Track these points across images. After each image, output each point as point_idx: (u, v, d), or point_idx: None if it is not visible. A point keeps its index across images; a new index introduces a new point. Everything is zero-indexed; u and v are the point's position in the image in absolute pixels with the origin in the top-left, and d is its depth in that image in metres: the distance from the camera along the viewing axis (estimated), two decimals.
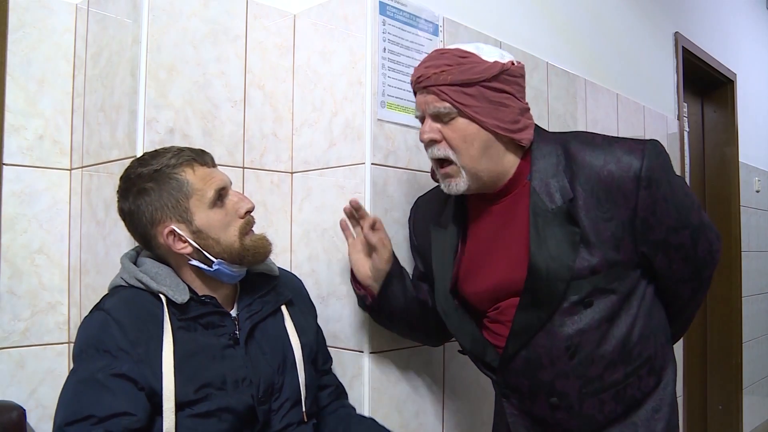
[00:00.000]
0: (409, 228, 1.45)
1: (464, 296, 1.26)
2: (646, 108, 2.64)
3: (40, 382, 1.43)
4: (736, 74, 3.62)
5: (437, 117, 1.14)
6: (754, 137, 3.90)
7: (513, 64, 1.15)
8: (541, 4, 2.10)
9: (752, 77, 3.96)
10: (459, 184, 1.16)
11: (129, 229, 1.16)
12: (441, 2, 1.68)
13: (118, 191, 1.15)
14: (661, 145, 1.15)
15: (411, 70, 1.54)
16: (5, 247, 1.41)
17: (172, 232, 1.10)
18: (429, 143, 1.16)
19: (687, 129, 3.27)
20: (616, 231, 1.11)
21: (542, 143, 1.17)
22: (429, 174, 1.42)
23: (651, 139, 1.14)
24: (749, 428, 3.69)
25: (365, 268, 1.31)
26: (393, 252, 1.31)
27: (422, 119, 1.18)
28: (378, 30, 1.47)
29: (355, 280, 1.35)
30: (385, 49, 1.48)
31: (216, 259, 1.12)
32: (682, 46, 3.02)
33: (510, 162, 1.17)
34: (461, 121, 1.13)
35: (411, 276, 1.44)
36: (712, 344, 3.59)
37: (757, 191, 3.92)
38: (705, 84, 3.55)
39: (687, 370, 2.94)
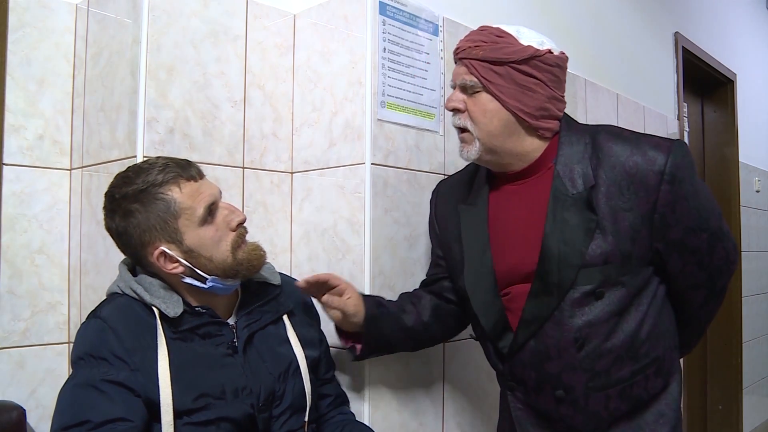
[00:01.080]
0: (431, 212, 1.43)
1: None
2: (646, 108, 2.64)
3: (40, 382, 1.43)
4: (736, 74, 3.62)
5: (464, 88, 1.19)
6: (754, 137, 3.90)
7: (551, 52, 1.17)
8: (541, 4, 2.10)
9: (752, 77, 3.96)
10: (470, 151, 1.20)
11: (119, 247, 1.13)
12: (441, 2, 1.68)
13: (103, 209, 1.11)
14: (687, 146, 1.16)
15: (411, 70, 1.54)
16: (5, 247, 1.41)
17: (163, 253, 1.08)
18: (453, 111, 1.21)
19: (687, 129, 3.27)
20: (634, 222, 1.12)
21: (571, 131, 1.20)
22: (429, 173, 1.43)
23: (678, 139, 1.16)
24: (749, 428, 3.69)
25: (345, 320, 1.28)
26: (360, 295, 1.27)
27: (454, 88, 1.22)
28: (378, 30, 1.47)
29: (340, 334, 1.33)
30: (385, 49, 1.48)
31: (209, 276, 1.11)
32: (682, 46, 3.02)
33: (532, 145, 1.20)
34: (484, 96, 1.17)
35: (429, 265, 1.46)
36: (712, 344, 3.59)
37: (757, 191, 3.92)
38: (705, 84, 3.55)
39: (687, 370, 2.94)
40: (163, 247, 1.08)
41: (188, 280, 1.11)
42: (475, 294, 1.24)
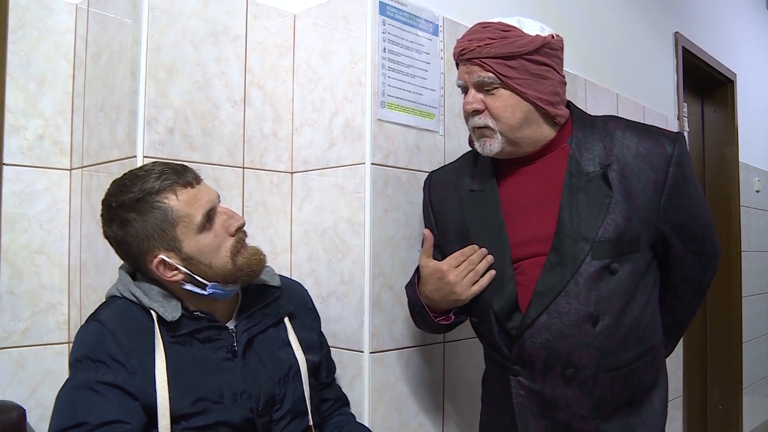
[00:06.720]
0: (425, 198, 1.41)
1: None
2: (646, 108, 2.64)
3: (40, 382, 1.43)
4: (736, 74, 3.62)
5: (480, 86, 1.19)
6: (754, 137, 3.90)
7: (553, 37, 1.20)
8: (540, 4, 2.10)
9: (752, 77, 3.96)
10: (493, 145, 1.20)
11: (118, 255, 1.13)
12: (441, 2, 1.68)
13: (101, 217, 1.11)
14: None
15: (411, 70, 1.54)
16: (5, 247, 1.41)
17: (162, 261, 1.07)
18: (472, 113, 1.20)
19: (687, 129, 3.27)
20: (645, 201, 1.16)
21: (581, 116, 1.24)
22: (429, 171, 1.43)
23: (678, 131, 1.21)
24: (749, 428, 3.69)
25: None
26: None
27: (464, 88, 1.22)
28: (378, 30, 1.47)
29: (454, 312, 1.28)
30: (385, 49, 1.48)
31: (209, 282, 1.10)
32: (682, 46, 3.02)
33: (547, 131, 1.22)
34: (503, 92, 1.18)
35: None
36: (712, 344, 3.58)
37: (757, 191, 3.92)
38: (705, 84, 3.55)
39: (687, 370, 2.94)
40: (162, 256, 1.07)
41: (188, 286, 1.10)
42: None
